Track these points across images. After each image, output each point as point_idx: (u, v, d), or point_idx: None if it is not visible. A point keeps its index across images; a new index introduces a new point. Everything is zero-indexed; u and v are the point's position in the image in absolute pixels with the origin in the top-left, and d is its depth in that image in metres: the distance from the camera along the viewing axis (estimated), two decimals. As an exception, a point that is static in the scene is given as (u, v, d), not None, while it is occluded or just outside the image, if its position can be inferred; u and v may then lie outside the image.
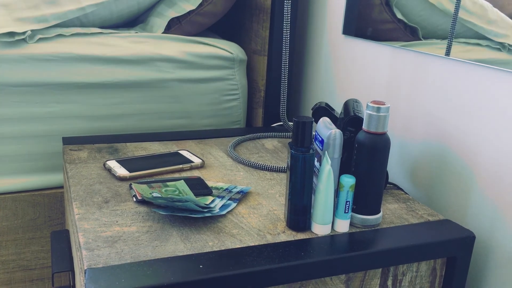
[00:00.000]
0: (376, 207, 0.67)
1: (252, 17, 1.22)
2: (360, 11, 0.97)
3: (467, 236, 0.66)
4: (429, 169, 0.83)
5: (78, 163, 0.82)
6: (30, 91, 0.96)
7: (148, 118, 1.08)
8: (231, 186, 0.75)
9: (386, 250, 0.62)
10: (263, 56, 1.16)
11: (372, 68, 0.96)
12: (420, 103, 0.85)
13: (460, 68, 0.76)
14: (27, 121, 0.97)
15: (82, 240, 0.59)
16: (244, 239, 0.62)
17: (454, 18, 0.76)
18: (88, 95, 1.01)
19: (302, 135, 0.61)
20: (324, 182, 0.61)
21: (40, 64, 0.96)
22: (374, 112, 0.63)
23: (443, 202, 0.81)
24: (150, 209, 0.67)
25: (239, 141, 0.97)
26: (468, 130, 0.76)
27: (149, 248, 0.58)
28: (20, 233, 1.00)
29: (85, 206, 0.67)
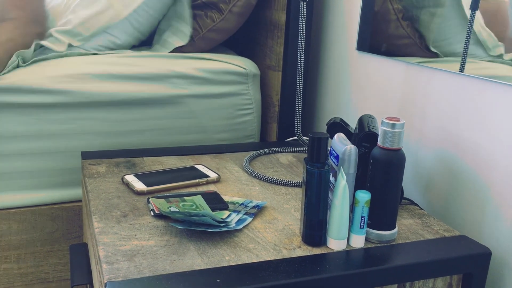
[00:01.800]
0: (392, 223, 0.67)
1: (267, 33, 1.24)
2: (375, 27, 0.98)
3: (483, 252, 0.66)
4: (444, 185, 0.83)
5: (97, 178, 0.83)
6: (49, 109, 0.98)
7: (164, 133, 1.10)
8: (246, 200, 0.76)
9: (402, 266, 0.62)
10: (277, 71, 1.18)
11: (386, 83, 0.97)
12: (434, 119, 0.85)
13: (473, 84, 0.77)
14: (46, 138, 0.99)
15: (102, 254, 0.60)
16: (261, 253, 0.62)
17: (468, 34, 0.77)
18: (105, 112, 1.03)
19: (317, 150, 0.62)
20: (340, 198, 0.62)
21: (58, 82, 0.99)
22: (389, 128, 0.63)
23: (458, 217, 0.81)
24: (168, 223, 0.68)
25: (254, 156, 0.98)
26: (482, 145, 0.76)
27: (167, 262, 0.59)
28: (38, 246, 1.02)
29: (104, 220, 0.69)
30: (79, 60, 1.04)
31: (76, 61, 1.04)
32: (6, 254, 1.00)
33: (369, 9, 1.00)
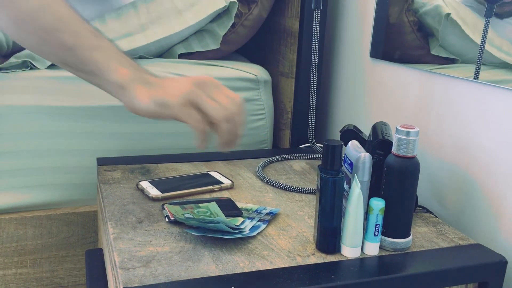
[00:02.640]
0: (406, 231, 0.67)
1: (280, 40, 1.25)
2: (389, 35, 0.99)
3: (499, 261, 0.66)
4: (459, 193, 0.83)
5: (112, 184, 0.84)
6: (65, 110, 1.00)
7: (178, 138, 1.11)
8: (260, 207, 0.77)
9: (416, 274, 0.62)
10: (290, 78, 1.18)
11: (400, 91, 0.97)
12: (449, 126, 0.85)
13: (488, 91, 0.77)
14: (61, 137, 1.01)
15: (117, 260, 0.60)
16: (275, 260, 0.62)
17: (482, 40, 0.77)
18: (118, 116, 1.04)
19: (332, 158, 0.62)
20: (354, 205, 0.62)
21: (74, 85, 1.00)
22: (403, 136, 0.63)
23: (473, 225, 0.80)
24: (182, 229, 0.69)
25: (267, 163, 0.98)
26: (498, 153, 0.76)
27: (182, 268, 0.59)
28: (54, 251, 1.03)
29: (119, 226, 0.69)
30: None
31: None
32: (22, 259, 1.01)
33: (382, 18, 1.00)
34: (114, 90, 0.69)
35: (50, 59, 0.73)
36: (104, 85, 0.70)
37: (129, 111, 0.70)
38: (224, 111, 0.68)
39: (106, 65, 0.68)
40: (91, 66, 0.68)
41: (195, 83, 0.68)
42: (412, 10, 0.91)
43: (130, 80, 0.68)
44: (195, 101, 0.67)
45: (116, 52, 0.70)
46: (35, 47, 0.70)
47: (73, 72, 0.71)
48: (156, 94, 0.67)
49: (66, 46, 0.67)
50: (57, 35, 0.67)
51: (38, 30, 0.67)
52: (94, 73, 0.69)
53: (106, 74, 0.68)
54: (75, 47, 0.67)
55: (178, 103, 0.67)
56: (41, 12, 0.66)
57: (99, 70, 0.68)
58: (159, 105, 0.67)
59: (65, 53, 0.68)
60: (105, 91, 0.71)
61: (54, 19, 0.67)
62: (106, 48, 0.69)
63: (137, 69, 0.70)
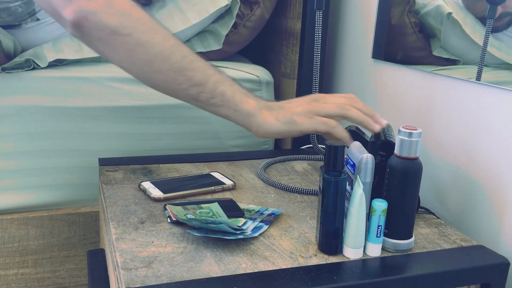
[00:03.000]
0: (408, 232, 0.67)
1: (282, 41, 1.25)
2: (391, 36, 0.99)
3: (502, 262, 0.66)
4: (461, 194, 0.83)
5: (114, 184, 0.84)
6: (67, 111, 1.00)
7: (179, 138, 1.11)
8: (262, 208, 0.77)
9: (418, 276, 0.62)
10: (292, 79, 1.18)
11: (402, 92, 0.97)
12: (451, 127, 0.85)
13: (491, 92, 0.77)
14: (62, 138, 1.01)
15: (120, 260, 0.60)
16: (277, 261, 0.62)
17: (485, 42, 0.76)
18: (120, 116, 1.04)
19: (334, 159, 0.62)
20: (356, 206, 0.62)
21: (76, 86, 1.01)
22: (406, 137, 0.63)
23: (476, 227, 0.80)
24: (184, 230, 0.69)
25: (269, 163, 0.98)
26: (500, 155, 0.75)
27: (184, 268, 0.59)
28: (55, 251, 1.03)
29: (121, 226, 0.69)
30: (94, 64, 1.06)
31: (91, 65, 1.06)
32: (24, 259, 1.01)
33: (384, 19, 1.00)
34: (243, 119, 0.75)
35: (179, 96, 0.76)
36: (232, 115, 0.75)
37: (259, 136, 0.76)
38: (340, 102, 0.74)
39: (233, 96, 0.74)
40: (220, 98, 0.73)
41: (311, 98, 0.76)
42: (414, 12, 0.91)
43: (257, 107, 0.74)
44: (315, 111, 0.74)
45: (237, 85, 0.76)
46: (165, 85, 0.74)
47: (202, 106, 0.76)
48: (281, 115, 0.74)
49: (196, 83, 0.73)
50: (187, 73, 0.72)
51: (168, 70, 0.72)
52: (223, 105, 0.74)
53: (235, 105, 0.74)
54: (205, 83, 0.73)
55: (302, 117, 0.73)
56: (169, 53, 0.72)
57: (228, 101, 0.74)
58: (286, 123, 0.74)
59: (196, 89, 0.73)
60: (230, 121, 0.76)
61: (181, 59, 0.72)
62: (229, 81, 0.75)
63: (256, 97, 0.77)
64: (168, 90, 0.75)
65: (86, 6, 0.67)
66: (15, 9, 1.05)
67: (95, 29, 0.69)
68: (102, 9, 0.68)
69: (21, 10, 1.05)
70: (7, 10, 1.05)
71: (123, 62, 0.73)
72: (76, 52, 1.06)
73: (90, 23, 0.68)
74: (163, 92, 0.77)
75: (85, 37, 0.71)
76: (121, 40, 0.69)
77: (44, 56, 1.02)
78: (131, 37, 0.70)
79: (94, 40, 0.70)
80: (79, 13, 0.67)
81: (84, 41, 0.72)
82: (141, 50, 0.70)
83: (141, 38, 0.70)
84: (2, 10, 1.05)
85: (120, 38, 0.69)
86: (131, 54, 0.71)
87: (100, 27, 0.68)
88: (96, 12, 0.68)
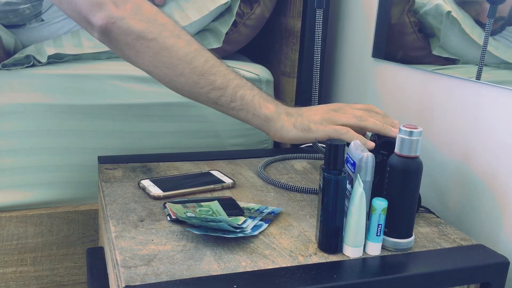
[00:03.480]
0: (408, 231, 0.67)
1: (282, 40, 1.25)
2: (391, 35, 0.98)
3: (501, 261, 0.66)
4: (461, 193, 0.83)
5: (114, 182, 0.84)
6: (64, 112, 1.00)
7: (179, 137, 1.11)
8: (262, 206, 0.76)
9: (418, 275, 0.62)
10: (292, 78, 1.18)
11: (402, 91, 0.97)
12: (452, 126, 0.85)
13: (490, 91, 0.76)
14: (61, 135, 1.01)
15: (119, 258, 0.60)
16: (277, 260, 0.62)
17: (485, 41, 0.76)
18: (119, 114, 1.04)
19: (334, 158, 0.62)
20: (356, 205, 0.62)
21: (76, 83, 1.00)
22: (406, 136, 0.63)
23: (475, 226, 0.80)
24: (184, 228, 0.69)
25: (269, 162, 0.98)
26: (500, 153, 0.75)
27: (184, 267, 0.59)
28: (54, 249, 1.03)
29: (121, 224, 0.69)
30: (94, 61, 1.06)
31: (91, 63, 1.05)
32: (23, 257, 1.01)
33: (384, 18, 1.00)
34: (261, 123, 0.77)
35: (200, 99, 0.79)
36: (251, 119, 0.77)
37: (276, 140, 0.78)
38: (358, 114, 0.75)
39: (252, 101, 0.76)
40: (239, 102, 0.75)
41: (329, 108, 0.77)
42: (413, 11, 0.91)
43: (276, 112, 0.76)
44: (331, 120, 0.75)
45: (257, 89, 0.78)
46: (187, 88, 0.77)
47: (222, 109, 0.78)
48: (299, 122, 0.75)
49: (217, 87, 0.75)
50: (209, 77, 0.75)
51: (190, 74, 0.75)
52: (243, 109, 0.76)
53: (254, 109, 0.76)
54: (225, 87, 0.75)
55: (318, 125, 0.74)
56: (192, 57, 0.75)
57: (247, 105, 0.76)
58: (303, 131, 0.75)
59: (216, 93, 0.75)
60: (250, 125, 0.78)
61: (204, 63, 0.75)
62: (249, 86, 0.77)
63: (276, 102, 0.78)
64: (190, 93, 0.77)
65: (115, 12, 0.71)
66: (22, 11, 1.06)
67: (122, 34, 0.72)
68: (130, 15, 0.72)
69: (28, 12, 1.06)
70: (15, 11, 1.05)
71: (148, 66, 0.76)
72: (76, 48, 1.05)
73: (118, 29, 0.72)
74: (184, 95, 0.79)
75: (112, 42, 0.74)
76: (146, 44, 0.73)
77: (44, 51, 1.02)
78: (156, 42, 0.73)
79: (121, 44, 0.74)
80: (108, 19, 0.71)
81: (111, 46, 0.75)
82: (166, 54, 0.74)
83: (165, 42, 0.74)
84: (10, 12, 1.05)
85: (146, 42, 0.73)
86: (156, 57, 0.74)
87: (128, 32, 0.72)
88: (124, 18, 0.72)
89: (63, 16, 1.10)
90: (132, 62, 0.77)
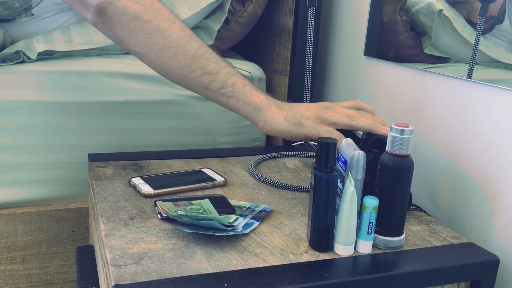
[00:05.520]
0: (399, 229, 0.67)
1: (274, 38, 1.24)
2: (383, 33, 0.99)
3: (491, 260, 0.66)
4: (452, 191, 0.83)
5: (104, 180, 0.84)
6: (57, 105, 0.99)
7: (170, 135, 1.10)
8: (253, 205, 0.76)
9: (409, 273, 0.62)
10: (284, 76, 1.18)
11: (394, 89, 0.97)
12: (442, 125, 0.85)
13: (481, 90, 0.77)
14: (52, 133, 1.00)
15: (109, 256, 0.60)
16: (268, 258, 0.62)
17: (476, 40, 0.77)
18: (111, 111, 1.03)
19: (326, 156, 0.62)
20: (348, 203, 0.62)
21: (67, 80, 0.99)
22: (398, 134, 0.63)
23: (466, 224, 0.80)
24: (175, 226, 0.68)
25: (260, 160, 0.98)
26: (490, 152, 0.76)
27: (174, 265, 0.59)
28: (44, 247, 1.02)
29: (111, 222, 0.69)
30: (85, 58, 1.05)
31: (82, 59, 1.05)
32: (12, 255, 1.00)
33: (377, 16, 1.00)
34: (251, 112, 0.76)
35: (190, 83, 0.78)
36: (240, 107, 0.76)
37: (264, 131, 0.77)
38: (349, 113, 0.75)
39: (243, 89, 0.75)
40: (230, 89, 0.75)
41: (321, 105, 0.76)
42: (405, 9, 0.92)
43: (267, 103, 0.75)
44: (323, 118, 0.74)
45: (248, 80, 0.78)
46: (178, 71, 0.76)
47: (211, 95, 0.77)
48: (291, 115, 0.74)
49: (208, 72, 0.75)
50: (201, 61, 0.75)
51: (183, 56, 0.75)
52: (233, 96, 0.75)
53: (244, 97, 0.75)
54: (217, 73, 0.75)
55: (310, 122, 0.74)
56: (186, 41, 0.75)
57: (238, 93, 0.75)
58: (294, 125, 0.74)
59: (207, 77, 0.75)
60: (239, 114, 0.77)
61: (197, 48, 0.75)
62: (240, 76, 0.77)
63: (266, 94, 0.77)
64: (181, 76, 0.77)
65: None
66: (12, 4, 1.04)
67: (118, 13, 0.73)
68: None
69: (18, 5, 1.04)
70: (4, 4, 1.04)
71: (140, 47, 0.76)
72: (66, 44, 1.04)
73: (115, 8, 0.73)
74: (174, 79, 0.78)
75: (106, 23, 0.74)
76: (141, 25, 0.74)
77: (34, 48, 1.01)
78: (151, 23, 0.74)
79: (115, 25, 0.74)
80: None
81: (104, 27, 0.76)
82: (159, 36, 0.74)
83: (160, 25, 0.74)
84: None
85: (140, 23, 0.74)
86: (149, 39, 0.74)
87: (124, 12, 0.73)
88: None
89: (53, 11, 1.09)
90: (124, 43, 0.77)
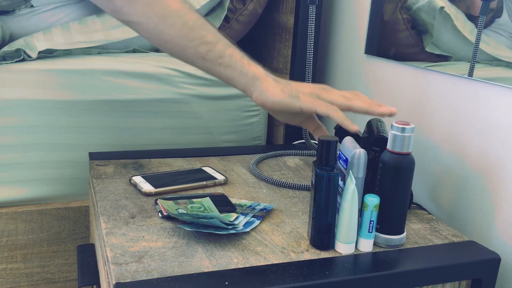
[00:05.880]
0: (400, 227, 0.67)
1: (274, 36, 1.24)
2: (384, 32, 0.98)
3: (493, 258, 0.66)
4: (453, 190, 0.83)
5: (105, 178, 0.84)
6: (55, 108, 0.99)
7: (170, 133, 1.10)
8: (254, 203, 0.76)
9: (410, 271, 0.62)
10: (285, 74, 1.18)
11: (395, 87, 0.97)
12: (443, 123, 0.85)
13: (482, 88, 0.77)
14: (52, 132, 1.00)
15: (110, 255, 0.60)
16: (269, 256, 0.62)
17: (477, 38, 0.77)
18: (111, 110, 1.03)
19: (327, 154, 0.62)
20: (349, 201, 0.62)
21: (67, 79, 0.99)
22: (399, 133, 0.63)
23: (467, 223, 0.80)
24: (176, 225, 0.68)
25: (261, 159, 0.98)
26: (491, 150, 0.76)
27: (175, 263, 0.59)
28: (45, 246, 1.02)
29: (112, 221, 0.69)
30: (85, 56, 1.05)
31: (82, 57, 1.04)
32: (13, 254, 1.00)
33: (377, 14, 1.00)
34: (247, 82, 0.75)
35: (187, 53, 0.77)
36: (237, 77, 0.75)
37: (258, 103, 0.75)
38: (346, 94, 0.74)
39: (241, 59, 0.75)
40: (228, 59, 0.75)
41: (318, 86, 0.76)
42: (406, 8, 0.91)
43: (264, 74, 0.75)
44: (320, 96, 0.73)
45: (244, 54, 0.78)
46: (175, 41, 0.76)
47: (208, 65, 0.76)
48: (288, 88, 0.74)
49: (207, 41, 0.75)
50: (199, 31, 0.75)
51: (181, 26, 0.74)
52: (230, 66, 0.75)
53: (242, 67, 0.75)
54: (215, 43, 0.75)
55: (307, 96, 0.73)
56: (185, 12, 0.75)
57: (235, 62, 0.75)
58: (290, 96, 0.73)
59: (206, 47, 0.75)
60: (234, 85, 0.77)
61: (196, 19, 0.75)
62: (238, 49, 0.77)
63: (264, 68, 0.77)
64: (178, 46, 0.76)
65: None
66: None
67: None
68: None
69: None
70: None
71: (139, 16, 0.75)
72: (67, 43, 1.04)
73: None
74: (171, 50, 0.78)
75: None
76: None
77: (34, 46, 1.01)
78: None
79: None
80: None
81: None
82: (159, 6, 0.74)
83: None
84: None
85: None
86: (149, 7, 0.74)
87: None
88: None
89: (53, 4, 1.09)
90: (123, 14, 0.76)
